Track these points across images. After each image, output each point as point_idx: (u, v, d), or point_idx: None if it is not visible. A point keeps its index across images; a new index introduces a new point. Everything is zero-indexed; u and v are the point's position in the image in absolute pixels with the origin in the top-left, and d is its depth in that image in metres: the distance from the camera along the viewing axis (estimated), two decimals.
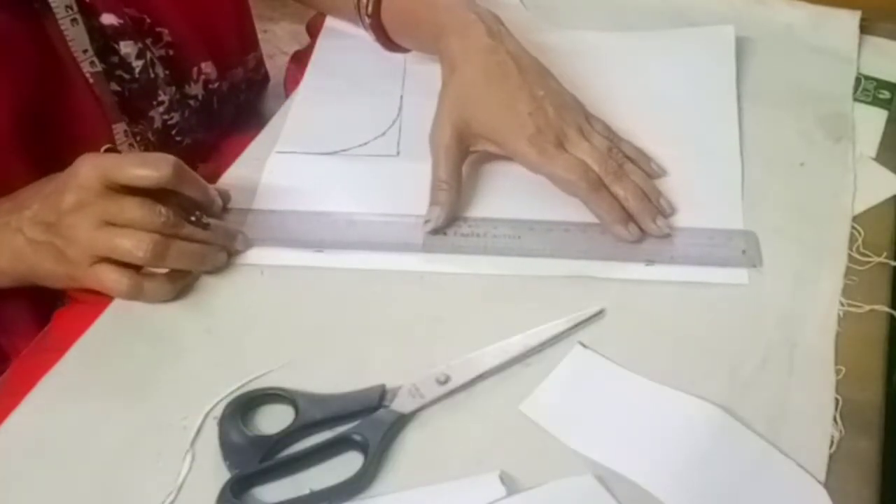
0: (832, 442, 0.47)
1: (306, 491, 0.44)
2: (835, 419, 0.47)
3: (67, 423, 0.48)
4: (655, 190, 0.58)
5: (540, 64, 0.60)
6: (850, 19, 0.72)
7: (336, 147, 0.63)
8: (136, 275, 0.52)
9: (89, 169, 0.50)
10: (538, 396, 0.48)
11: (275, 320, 0.53)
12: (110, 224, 0.50)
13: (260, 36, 0.82)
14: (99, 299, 0.53)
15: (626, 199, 0.56)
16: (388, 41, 0.69)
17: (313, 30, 0.76)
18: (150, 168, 0.50)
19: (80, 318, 0.53)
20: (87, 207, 0.50)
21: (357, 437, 0.46)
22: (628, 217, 0.56)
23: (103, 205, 0.50)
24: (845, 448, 0.46)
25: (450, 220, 0.57)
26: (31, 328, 0.58)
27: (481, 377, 0.49)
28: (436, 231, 0.56)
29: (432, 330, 0.52)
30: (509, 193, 0.60)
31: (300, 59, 0.74)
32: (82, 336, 0.52)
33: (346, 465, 0.45)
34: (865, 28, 0.72)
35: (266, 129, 0.66)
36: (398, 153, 0.63)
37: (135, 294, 0.52)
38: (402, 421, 0.47)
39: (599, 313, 0.52)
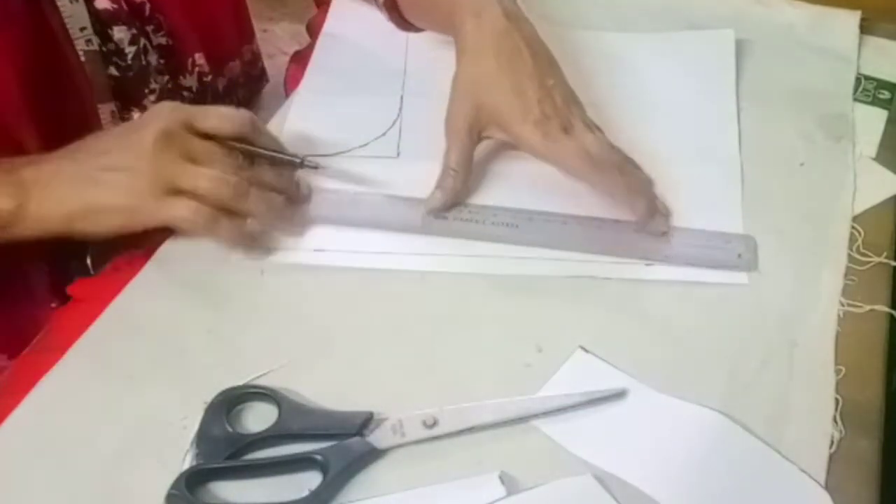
0: (832, 442, 0.47)
1: (259, 499, 0.44)
2: (835, 419, 0.47)
3: (67, 423, 0.48)
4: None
5: (551, 53, 0.59)
6: (850, 19, 0.72)
7: (336, 149, 0.63)
8: (212, 209, 0.52)
9: (172, 111, 0.53)
10: None
11: (275, 320, 0.53)
12: (192, 161, 0.52)
13: (260, 36, 0.82)
14: (99, 299, 0.53)
15: None
16: (401, 20, 0.68)
17: (313, 30, 0.76)
18: (230, 117, 0.53)
19: (80, 318, 0.53)
20: (171, 143, 0.51)
21: (321, 459, 0.45)
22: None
23: (188, 143, 0.52)
24: (845, 448, 0.46)
25: (451, 205, 0.57)
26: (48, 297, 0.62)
27: (470, 430, 0.47)
28: (436, 213, 0.57)
29: (434, 329, 0.52)
30: (512, 183, 0.60)
31: (300, 59, 0.74)
32: (82, 336, 0.52)
33: (305, 482, 0.45)
34: (865, 28, 0.72)
35: None
36: (398, 154, 0.63)
37: (210, 227, 0.52)
38: (373, 455, 0.46)
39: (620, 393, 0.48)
